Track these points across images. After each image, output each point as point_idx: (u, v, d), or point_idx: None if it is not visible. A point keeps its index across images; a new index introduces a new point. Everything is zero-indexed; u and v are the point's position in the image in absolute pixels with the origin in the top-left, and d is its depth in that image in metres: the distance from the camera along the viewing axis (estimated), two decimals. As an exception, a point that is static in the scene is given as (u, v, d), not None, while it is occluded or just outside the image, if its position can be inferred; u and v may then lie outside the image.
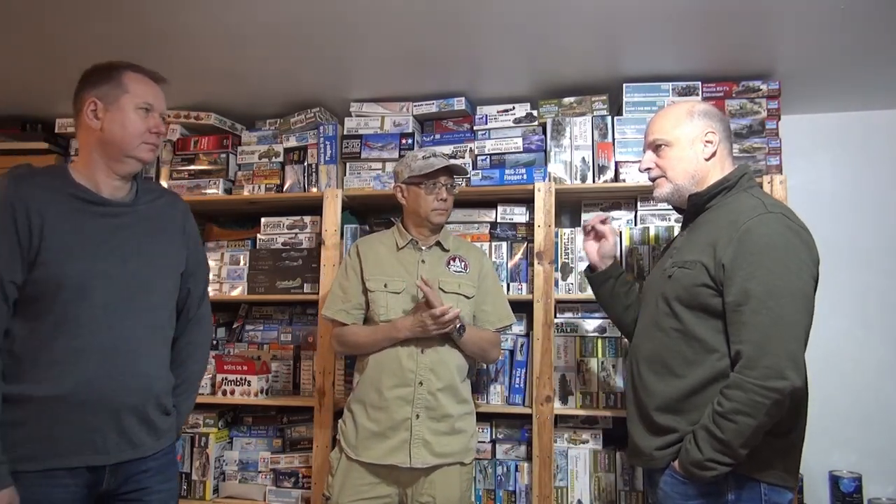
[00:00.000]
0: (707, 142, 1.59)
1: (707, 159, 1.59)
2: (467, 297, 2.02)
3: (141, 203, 1.57)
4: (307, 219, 2.60)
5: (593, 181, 2.37)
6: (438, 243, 2.07)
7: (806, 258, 1.41)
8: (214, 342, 2.65)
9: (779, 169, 2.27)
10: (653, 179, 1.67)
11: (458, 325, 1.91)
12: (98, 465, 1.44)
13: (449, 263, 2.05)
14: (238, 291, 2.60)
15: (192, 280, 1.67)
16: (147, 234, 1.55)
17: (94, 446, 1.42)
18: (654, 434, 1.52)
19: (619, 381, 2.28)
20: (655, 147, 1.64)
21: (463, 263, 2.06)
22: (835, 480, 2.38)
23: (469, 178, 2.44)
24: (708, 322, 1.47)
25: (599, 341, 2.33)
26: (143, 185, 1.61)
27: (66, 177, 1.49)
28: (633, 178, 2.31)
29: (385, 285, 1.99)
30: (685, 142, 1.59)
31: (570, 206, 2.63)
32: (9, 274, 1.37)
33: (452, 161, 2.05)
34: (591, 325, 2.35)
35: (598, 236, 1.87)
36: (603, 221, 1.85)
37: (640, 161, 1.71)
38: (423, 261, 2.03)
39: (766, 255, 1.39)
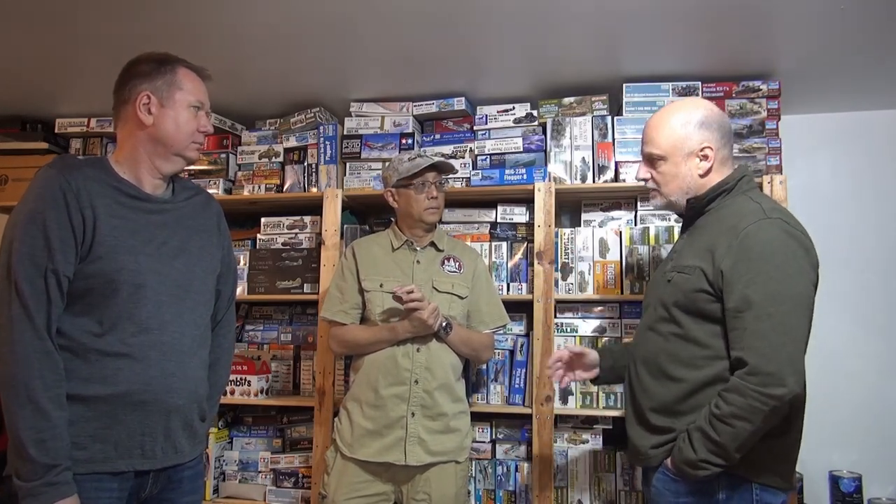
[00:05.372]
0: (703, 157, 1.54)
1: (702, 175, 1.55)
2: (461, 298, 2.03)
3: (179, 200, 1.51)
4: (307, 219, 2.60)
5: (593, 181, 2.37)
6: (433, 243, 2.08)
7: (805, 263, 1.40)
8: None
9: (779, 169, 2.27)
10: (649, 190, 1.65)
11: (443, 324, 1.92)
12: (145, 469, 1.38)
13: (443, 263, 2.05)
14: (238, 291, 2.59)
15: (223, 281, 1.61)
16: (187, 233, 1.50)
17: (142, 450, 1.37)
18: (650, 433, 1.53)
19: (619, 381, 2.28)
20: (650, 159, 1.60)
21: (457, 264, 2.07)
22: (835, 480, 2.38)
23: (469, 178, 2.44)
24: (706, 326, 1.46)
25: (599, 341, 2.33)
26: (179, 183, 1.55)
27: (109, 170, 1.42)
28: (633, 178, 2.31)
29: (381, 285, 2.00)
30: (679, 157, 1.55)
31: (570, 206, 2.63)
32: (64, 268, 1.29)
33: (439, 158, 2.06)
34: (591, 325, 2.35)
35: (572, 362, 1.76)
36: (560, 360, 1.74)
37: (639, 161, 1.69)
38: (417, 261, 2.04)
39: (766, 262, 1.38)
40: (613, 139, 2.37)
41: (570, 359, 1.75)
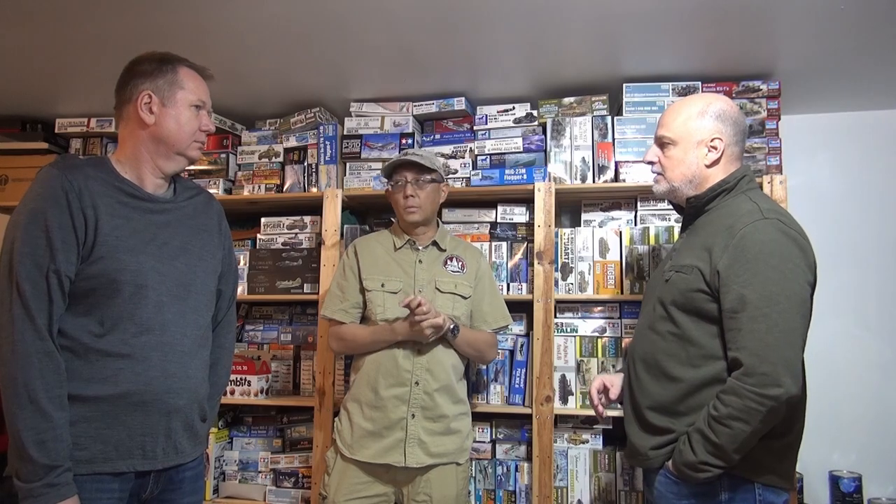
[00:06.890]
0: (712, 147, 1.55)
1: (708, 166, 1.56)
2: (464, 298, 2.02)
3: (180, 200, 1.51)
4: (307, 219, 2.61)
5: (593, 181, 2.37)
6: (435, 243, 2.07)
7: (801, 263, 1.40)
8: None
9: (779, 169, 2.27)
10: (653, 173, 1.66)
11: (450, 326, 1.92)
12: (146, 470, 1.38)
13: (446, 263, 2.05)
14: (238, 291, 2.59)
15: (224, 281, 1.61)
16: (189, 233, 1.50)
17: (143, 451, 1.37)
18: (649, 433, 1.53)
19: (619, 381, 2.28)
20: (661, 143, 1.62)
21: (460, 263, 2.06)
22: (835, 480, 2.38)
23: (469, 178, 2.44)
24: (703, 326, 1.47)
25: (599, 341, 2.33)
26: (180, 183, 1.55)
27: (111, 169, 1.42)
28: (633, 178, 2.31)
29: (382, 285, 1.99)
30: (689, 144, 1.57)
31: (570, 206, 2.63)
32: (66, 268, 1.29)
33: (407, 156, 1.99)
34: (591, 325, 2.35)
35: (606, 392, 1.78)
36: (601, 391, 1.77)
37: (640, 160, 1.70)
38: (419, 261, 2.04)
39: (762, 262, 1.38)
40: (613, 139, 2.37)
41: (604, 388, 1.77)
